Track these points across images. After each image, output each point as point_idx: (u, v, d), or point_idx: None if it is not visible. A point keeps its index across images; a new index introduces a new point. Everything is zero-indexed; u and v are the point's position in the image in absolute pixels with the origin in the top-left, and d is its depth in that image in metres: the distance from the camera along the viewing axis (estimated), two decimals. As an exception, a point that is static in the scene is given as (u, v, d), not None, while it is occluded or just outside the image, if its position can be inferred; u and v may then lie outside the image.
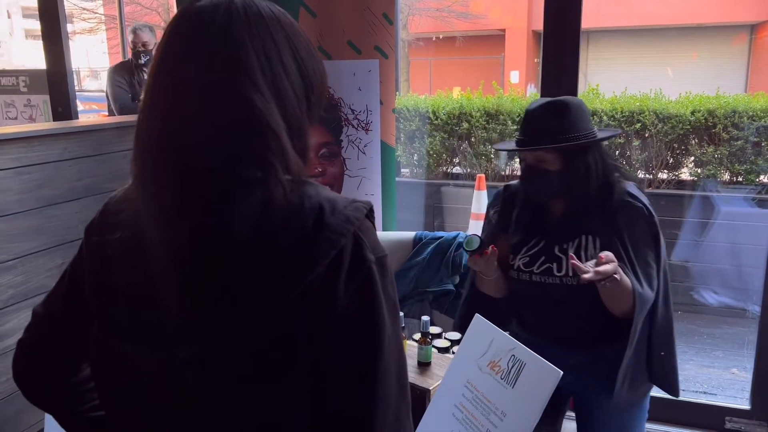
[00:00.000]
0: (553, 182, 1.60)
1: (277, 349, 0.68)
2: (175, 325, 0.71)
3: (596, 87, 5.24)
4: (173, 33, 0.73)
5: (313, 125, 0.81)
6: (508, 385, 1.25)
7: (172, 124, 0.70)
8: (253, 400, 0.70)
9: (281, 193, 0.69)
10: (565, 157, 1.59)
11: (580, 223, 1.62)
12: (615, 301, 1.53)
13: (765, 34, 11.12)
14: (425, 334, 1.70)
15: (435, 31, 12.46)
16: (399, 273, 2.46)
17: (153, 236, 0.72)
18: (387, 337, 0.70)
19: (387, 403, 0.70)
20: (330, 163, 2.73)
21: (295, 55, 0.75)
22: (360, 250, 0.70)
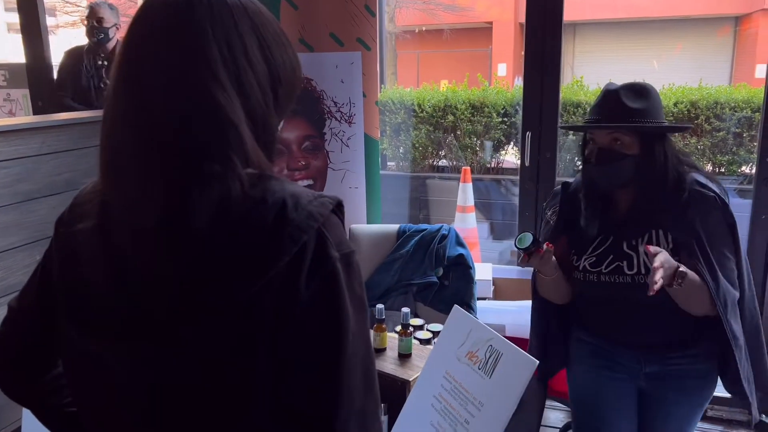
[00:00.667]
0: (628, 167, 1.48)
1: (238, 345, 0.68)
2: (138, 318, 0.70)
3: (581, 79, 5.25)
4: (136, 23, 0.72)
5: (283, 118, 0.79)
6: (486, 375, 1.26)
7: (133, 116, 0.70)
8: (215, 396, 0.70)
9: (239, 188, 0.68)
10: (643, 142, 1.48)
11: (649, 217, 1.51)
12: (688, 299, 1.44)
13: (749, 26, 11.19)
14: (405, 326, 1.70)
15: (422, 24, 12.43)
16: (383, 265, 2.46)
17: (116, 227, 0.71)
18: (351, 335, 0.69)
19: (352, 402, 0.70)
20: (313, 156, 2.72)
21: (261, 45, 0.74)
22: (323, 246, 0.69)
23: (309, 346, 0.69)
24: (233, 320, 0.67)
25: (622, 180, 1.50)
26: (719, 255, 1.46)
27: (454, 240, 2.45)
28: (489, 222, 5.19)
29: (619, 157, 1.47)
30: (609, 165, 1.49)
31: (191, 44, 0.69)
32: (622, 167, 1.48)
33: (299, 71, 0.81)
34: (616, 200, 1.57)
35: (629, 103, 1.47)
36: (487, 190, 5.31)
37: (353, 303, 0.71)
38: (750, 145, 4.49)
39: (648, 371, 1.58)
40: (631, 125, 1.47)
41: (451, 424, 1.28)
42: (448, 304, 2.34)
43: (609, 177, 1.51)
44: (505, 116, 5.09)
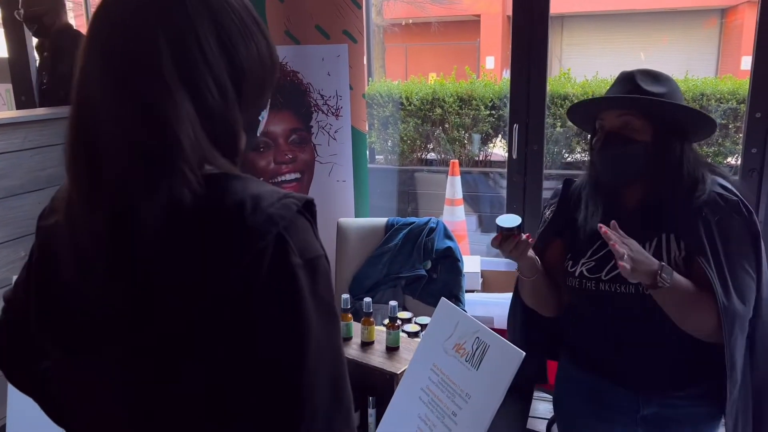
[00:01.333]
0: (638, 156, 1.31)
1: (193, 358, 0.65)
2: (94, 322, 0.69)
3: (568, 71, 5.26)
4: (92, 18, 0.70)
5: (252, 111, 0.76)
6: (473, 367, 1.26)
7: (79, 115, 0.68)
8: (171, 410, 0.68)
9: (188, 190, 0.64)
10: (656, 130, 1.32)
11: (659, 220, 1.33)
12: (683, 310, 1.26)
13: (734, 18, 11.27)
14: (393, 319, 1.70)
15: (410, 17, 12.41)
16: (371, 259, 2.46)
17: (77, 225, 0.69)
18: (314, 347, 0.65)
19: (315, 417, 0.65)
20: (300, 149, 2.71)
21: (221, 35, 0.69)
22: (283, 252, 0.64)
23: (267, 358, 0.65)
24: (186, 331, 0.64)
25: (630, 170, 1.33)
26: (734, 266, 1.27)
27: (443, 233, 2.45)
28: (477, 215, 5.20)
29: (627, 142, 1.31)
30: (616, 150, 1.32)
31: (136, 38, 0.66)
32: (631, 154, 1.31)
33: (271, 61, 0.76)
34: (622, 198, 1.40)
35: (645, 86, 1.33)
36: (475, 182, 5.31)
37: (319, 311, 0.66)
38: (735, 137, 4.52)
39: (646, 414, 1.40)
40: (646, 98, 1.30)
41: (439, 417, 1.28)
42: (436, 297, 2.33)
43: (615, 165, 1.34)
44: (492, 109, 5.10)
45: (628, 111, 1.32)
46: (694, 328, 1.29)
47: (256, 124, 0.81)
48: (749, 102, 2.37)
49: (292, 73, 2.64)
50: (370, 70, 7.19)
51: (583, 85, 4.99)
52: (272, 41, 0.78)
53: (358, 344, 1.74)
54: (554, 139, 4.95)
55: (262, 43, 0.74)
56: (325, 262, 0.70)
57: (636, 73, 1.36)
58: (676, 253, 1.31)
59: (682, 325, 1.28)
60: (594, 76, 5.17)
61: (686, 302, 1.26)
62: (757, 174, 2.41)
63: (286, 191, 0.69)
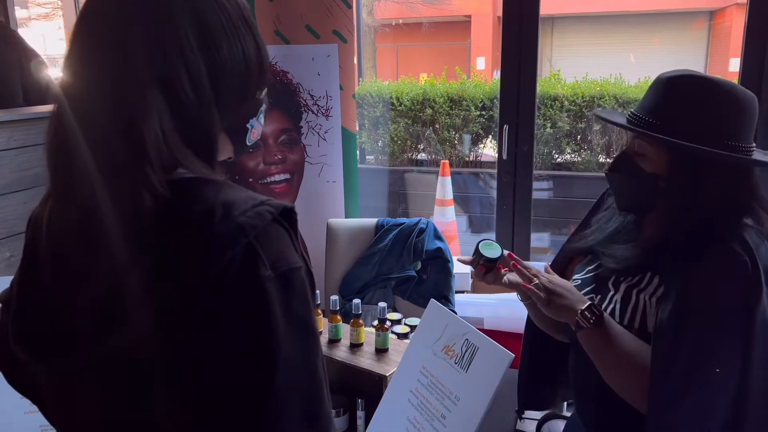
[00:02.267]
0: (643, 188, 1.12)
1: (156, 373, 0.62)
2: (66, 326, 0.67)
3: (558, 72, 5.28)
4: (81, 8, 0.68)
5: (231, 117, 0.73)
6: (462, 369, 1.25)
7: (56, 114, 0.67)
8: (138, 423, 0.66)
9: (149, 195, 0.61)
10: (674, 162, 1.10)
11: (653, 256, 1.14)
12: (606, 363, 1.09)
13: (723, 20, 11.35)
14: (382, 321, 1.69)
15: (401, 17, 12.40)
16: (361, 260, 2.45)
17: (50, 224, 0.68)
18: (283, 367, 0.61)
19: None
20: (290, 150, 2.69)
21: (203, 32, 0.66)
22: (252, 264, 0.61)
23: (232, 377, 0.61)
24: (148, 344, 0.61)
25: (635, 202, 1.17)
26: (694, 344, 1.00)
27: (433, 233, 2.45)
28: (467, 215, 5.21)
29: (633, 172, 1.13)
30: (620, 178, 1.16)
31: (115, 31, 0.65)
32: (635, 186, 1.13)
33: (258, 65, 0.73)
34: (642, 223, 1.21)
35: (675, 109, 1.10)
36: (465, 183, 5.32)
37: (292, 328, 0.62)
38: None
39: None
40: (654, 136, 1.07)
41: (428, 419, 1.28)
42: (426, 297, 2.33)
43: (620, 193, 1.19)
44: (483, 110, 5.10)
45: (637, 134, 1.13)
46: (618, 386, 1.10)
47: (243, 131, 0.77)
48: (737, 104, 2.38)
49: (282, 73, 2.62)
50: (361, 70, 7.18)
51: (573, 86, 5.01)
52: (263, 45, 0.74)
53: (347, 346, 1.73)
54: (544, 140, 4.96)
55: (249, 45, 0.71)
56: (301, 275, 0.65)
57: (674, 83, 1.12)
58: (647, 298, 1.12)
59: (604, 376, 1.10)
60: (584, 77, 5.19)
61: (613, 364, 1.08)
62: (745, 175, 2.42)
63: (265, 198, 0.65)
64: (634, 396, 1.07)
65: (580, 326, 1.08)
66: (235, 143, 0.78)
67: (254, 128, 0.79)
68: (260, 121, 0.80)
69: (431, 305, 1.40)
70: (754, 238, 1.04)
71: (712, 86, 1.08)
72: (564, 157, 5.06)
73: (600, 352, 1.09)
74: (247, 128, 0.78)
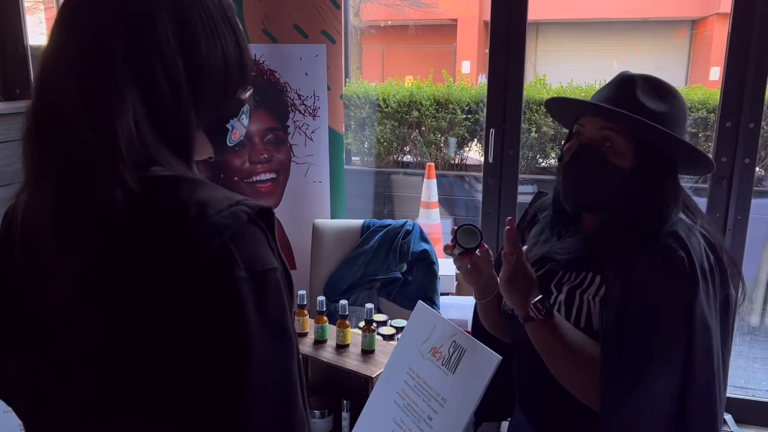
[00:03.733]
0: (610, 181, 1.09)
1: (130, 373, 0.62)
2: (41, 323, 0.66)
3: (543, 77, 5.32)
4: (60, 6, 0.68)
5: (209, 117, 0.72)
6: (449, 371, 1.26)
7: (32, 107, 0.66)
8: (112, 422, 0.65)
9: (120, 191, 0.60)
10: (642, 157, 1.09)
11: (592, 254, 1.14)
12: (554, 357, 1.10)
13: (704, 30, 11.53)
14: (369, 322, 1.69)
15: (387, 19, 12.42)
16: (347, 261, 2.45)
17: (24, 218, 0.68)
18: (256, 368, 0.61)
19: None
20: (276, 149, 2.68)
21: (182, 29, 0.66)
22: (225, 265, 0.60)
23: (204, 377, 0.61)
24: (119, 342, 0.61)
25: (598, 196, 1.12)
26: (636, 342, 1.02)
27: (418, 235, 2.45)
28: (453, 218, 5.22)
29: (600, 162, 1.09)
30: (586, 169, 1.11)
31: (93, 25, 0.64)
32: (603, 178, 1.10)
33: (239, 65, 0.73)
34: (582, 223, 1.21)
35: (645, 100, 1.09)
36: (450, 186, 5.34)
37: (266, 330, 0.62)
38: (706, 145, 4.61)
39: None
40: (635, 117, 1.05)
41: (414, 421, 1.28)
42: (411, 299, 2.34)
43: (581, 186, 1.13)
44: (469, 113, 5.12)
45: (614, 125, 1.09)
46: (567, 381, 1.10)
47: (223, 131, 0.77)
48: (720, 112, 2.42)
49: (269, 72, 2.61)
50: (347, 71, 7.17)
51: (558, 91, 5.05)
52: (246, 45, 0.74)
53: (333, 347, 1.73)
54: (529, 145, 4.99)
55: (230, 45, 0.71)
56: (277, 276, 0.64)
57: (638, 79, 1.12)
58: (590, 298, 1.12)
59: (552, 369, 1.11)
60: (569, 82, 5.24)
61: (561, 358, 1.08)
62: (726, 182, 2.46)
63: (241, 197, 0.65)
64: (580, 389, 1.08)
65: (530, 317, 1.09)
66: (215, 143, 0.77)
67: (235, 129, 0.79)
68: (242, 122, 0.80)
69: (419, 307, 1.41)
70: (688, 233, 1.07)
71: (672, 90, 1.13)
72: (548, 161, 5.10)
73: (548, 344, 1.10)
74: (228, 128, 0.78)
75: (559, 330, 1.09)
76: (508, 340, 1.33)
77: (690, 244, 1.05)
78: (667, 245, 1.04)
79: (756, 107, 2.36)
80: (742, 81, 2.35)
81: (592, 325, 1.11)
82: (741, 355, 3.37)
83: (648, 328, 1.03)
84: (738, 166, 2.42)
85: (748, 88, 2.34)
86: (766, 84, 2.36)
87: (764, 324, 3.86)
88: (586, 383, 1.07)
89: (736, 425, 2.53)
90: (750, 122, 2.38)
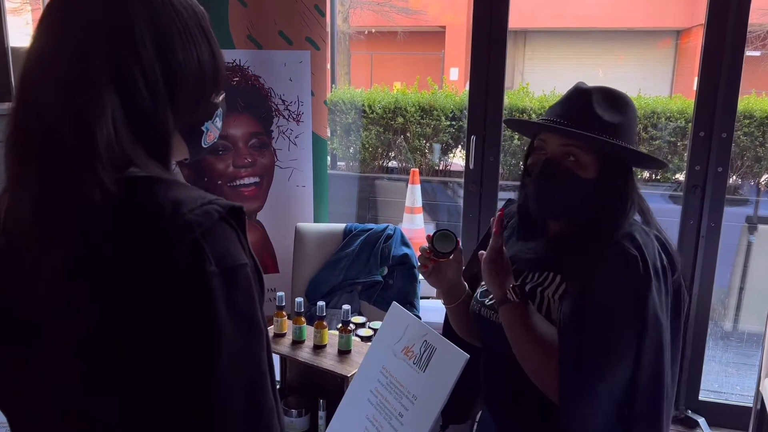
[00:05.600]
0: (576, 193, 1.15)
1: (104, 366, 0.64)
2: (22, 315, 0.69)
3: (526, 85, 5.39)
4: (43, 10, 0.71)
5: (185, 119, 0.75)
6: (420, 369, 1.29)
7: (19, 101, 0.68)
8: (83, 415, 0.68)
9: (98, 191, 0.63)
10: (604, 167, 1.15)
11: (558, 256, 1.20)
12: (522, 345, 1.15)
13: (688, 40, 11.70)
14: (346, 323, 1.72)
15: (376, 26, 12.49)
16: (328, 264, 2.48)
17: (6, 216, 0.70)
18: (225, 360, 0.64)
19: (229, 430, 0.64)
20: (260, 153, 2.71)
21: (158, 36, 0.70)
22: (197, 260, 0.63)
23: (173, 368, 0.64)
24: (93, 333, 0.64)
25: (565, 207, 1.18)
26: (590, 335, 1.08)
27: (399, 240, 2.49)
28: (436, 223, 5.27)
29: (567, 176, 1.14)
30: (554, 184, 1.16)
31: (74, 30, 0.67)
32: (568, 190, 1.15)
33: (213, 71, 0.76)
34: (546, 228, 1.26)
35: (601, 113, 1.14)
36: (434, 191, 5.39)
37: (236, 323, 0.65)
38: (683, 154, 4.71)
39: None
40: (596, 137, 1.12)
41: (386, 418, 1.31)
42: (392, 302, 2.38)
43: (549, 200, 1.18)
44: (453, 120, 5.19)
45: (575, 143, 1.15)
46: (532, 375, 1.15)
47: (198, 133, 0.81)
48: (694, 121, 2.48)
49: (254, 77, 2.64)
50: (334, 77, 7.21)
51: (541, 99, 5.13)
52: (219, 52, 0.78)
53: (311, 347, 1.76)
54: (512, 151, 5.06)
55: (204, 51, 0.75)
56: (247, 271, 0.68)
57: (593, 92, 1.17)
58: (550, 296, 1.18)
59: (526, 370, 1.15)
60: (552, 90, 5.32)
61: (528, 340, 1.13)
62: (700, 190, 2.52)
63: (214, 197, 0.68)
64: (541, 376, 1.14)
65: (507, 300, 1.14)
66: (190, 145, 0.81)
67: (210, 131, 0.82)
68: (216, 125, 0.83)
69: (393, 307, 1.44)
70: (642, 235, 1.14)
71: (625, 99, 1.20)
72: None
73: (519, 328, 1.14)
74: (203, 131, 0.81)
75: (531, 317, 1.14)
76: (477, 343, 1.37)
77: (644, 245, 1.11)
78: (622, 245, 1.11)
79: (728, 117, 2.42)
80: (715, 91, 2.42)
81: (551, 320, 1.17)
82: (714, 360, 3.44)
83: (603, 323, 1.09)
84: (711, 175, 2.48)
85: (720, 99, 2.41)
86: (738, 94, 2.42)
87: (737, 329, 3.94)
88: (547, 371, 1.12)
89: (710, 428, 2.59)
90: (723, 132, 2.44)
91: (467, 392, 1.36)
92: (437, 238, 1.28)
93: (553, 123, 1.16)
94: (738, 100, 2.43)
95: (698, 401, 2.68)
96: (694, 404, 2.67)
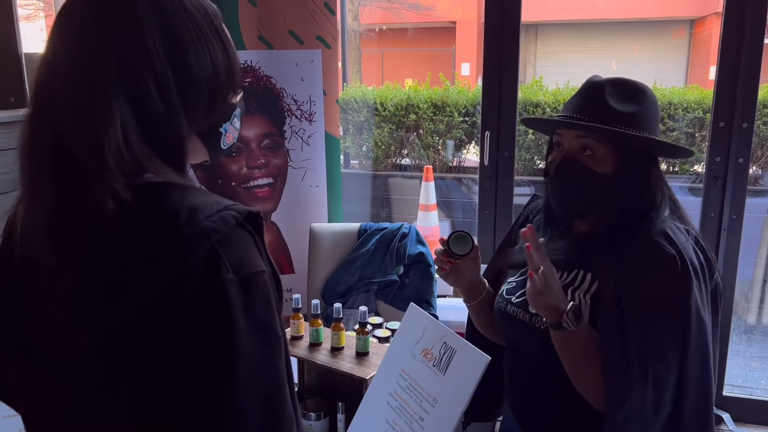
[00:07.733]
0: (594, 189, 1.12)
1: (118, 373, 0.64)
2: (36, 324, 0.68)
3: (540, 79, 5.34)
4: (55, 18, 0.70)
5: (201, 123, 0.74)
6: (440, 372, 1.27)
7: (33, 111, 0.67)
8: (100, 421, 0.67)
9: (111, 201, 0.62)
10: (622, 159, 1.12)
11: (586, 253, 1.16)
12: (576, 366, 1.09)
13: (703, 29, 11.54)
14: (363, 324, 1.71)
15: (386, 23, 12.45)
16: (343, 264, 2.47)
17: (23, 225, 0.69)
18: (243, 369, 0.62)
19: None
20: (273, 154, 2.70)
21: (170, 40, 0.68)
22: (214, 268, 0.62)
23: (191, 377, 0.62)
24: (111, 343, 0.63)
25: (585, 205, 1.15)
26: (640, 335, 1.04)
27: (415, 238, 2.47)
28: (450, 220, 5.24)
29: (583, 173, 1.11)
30: (570, 181, 1.13)
31: (84, 37, 0.66)
32: (585, 188, 1.12)
33: (227, 72, 0.74)
34: (574, 226, 1.23)
35: (614, 104, 1.11)
36: (448, 188, 5.35)
37: (253, 331, 0.64)
38: (701, 145, 4.63)
39: None
40: (607, 128, 1.08)
41: (407, 421, 1.29)
42: (408, 302, 2.34)
43: (568, 198, 1.15)
44: (466, 116, 5.14)
45: (589, 135, 1.12)
46: (579, 384, 1.11)
47: (217, 135, 0.79)
48: (713, 112, 2.43)
49: (265, 77, 2.63)
50: (345, 75, 7.20)
51: (555, 93, 5.07)
52: (233, 51, 0.76)
53: (328, 350, 1.75)
54: (526, 146, 5.01)
55: (218, 52, 0.73)
56: (265, 278, 0.66)
57: (606, 84, 1.14)
58: (582, 296, 1.14)
59: (569, 373, 1.10)
60: (566, 84, 5.26)
61: (583, 358, 1.08)
62: (720, 182, 2.47)
63: (231, 203, 0.67)
64: (593, 391, 1.09)
65: (562, 327, 1.07)
66: (209, 147, 0.79)
67: (229, 132, 0.81)
68: (235, 125, 0.82)
69: (411, 309, 1.42)
70: (677, 232, 1.10)
71: (641, 88, 1.15)
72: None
73: (576, 350, 1.09)
74: (221, 132, 0.80)
75: (589, 340, 1.08)
76: (502, 342, 1.34)
77: (679, 242, 1.08)
78: (658, 244, 1.07)
79: (749, 107, 2.37)
80: (735, 81, 2.36)
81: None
82: (738, 354, 3.38)
83: (647, 327, 1.04)
84: (732, 166, 2.43)
85: (740, 88, 2.36)
86: (758, 84, 2.37)
87: (761, 323, 3.87)
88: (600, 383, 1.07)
89: (734, 424, 2.54)
90: (743, 122, 2.39)
91: (493, 390, 1.33)
92: (453, 241, 1.26)
93: (567, 118, 1.14)
94: (759, 89, 2.37)
95: (722, 397, 2.63)
96: (719, 400, 2.62)
